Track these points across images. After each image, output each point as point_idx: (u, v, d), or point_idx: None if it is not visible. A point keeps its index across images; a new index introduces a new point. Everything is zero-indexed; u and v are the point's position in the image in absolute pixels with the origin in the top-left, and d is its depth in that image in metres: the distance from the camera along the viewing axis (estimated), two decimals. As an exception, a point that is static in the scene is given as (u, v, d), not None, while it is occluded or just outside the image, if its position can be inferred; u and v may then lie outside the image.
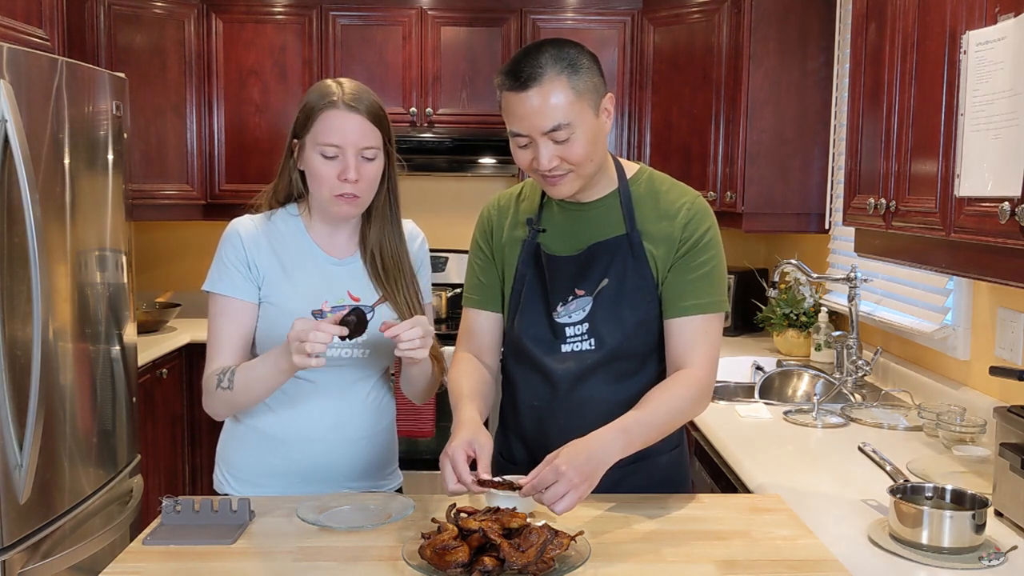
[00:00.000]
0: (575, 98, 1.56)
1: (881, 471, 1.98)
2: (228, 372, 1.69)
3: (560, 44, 1.59)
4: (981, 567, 1.49)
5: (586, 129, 1.59)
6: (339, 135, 1.68)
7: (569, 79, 1.55)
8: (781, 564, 1.44)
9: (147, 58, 3.80)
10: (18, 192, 2.17)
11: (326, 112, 1.68)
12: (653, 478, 1.79)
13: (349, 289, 1.79)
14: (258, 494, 1.75)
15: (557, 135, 1.57)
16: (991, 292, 2.34)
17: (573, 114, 1.56)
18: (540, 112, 1.55)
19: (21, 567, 2.24)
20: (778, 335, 3.50)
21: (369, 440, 1.83)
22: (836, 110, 3.42)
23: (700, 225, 1.71)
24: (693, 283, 1.69)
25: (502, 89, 1.60)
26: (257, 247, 1.76)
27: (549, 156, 1.58)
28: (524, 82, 1.55)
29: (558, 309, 1.73)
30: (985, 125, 1.63)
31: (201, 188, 3.97)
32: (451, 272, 4.25)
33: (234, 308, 1.75)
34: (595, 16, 4.00)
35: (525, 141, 1.60)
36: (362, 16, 3.97)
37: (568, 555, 1.38)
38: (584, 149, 1.59)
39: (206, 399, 1.76)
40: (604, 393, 1.72)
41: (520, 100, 1.56)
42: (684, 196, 1.75)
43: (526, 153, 1.62)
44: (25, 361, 2.23)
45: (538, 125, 1.57)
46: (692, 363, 1.68)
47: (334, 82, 1.73)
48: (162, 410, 3.55)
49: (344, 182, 1.68)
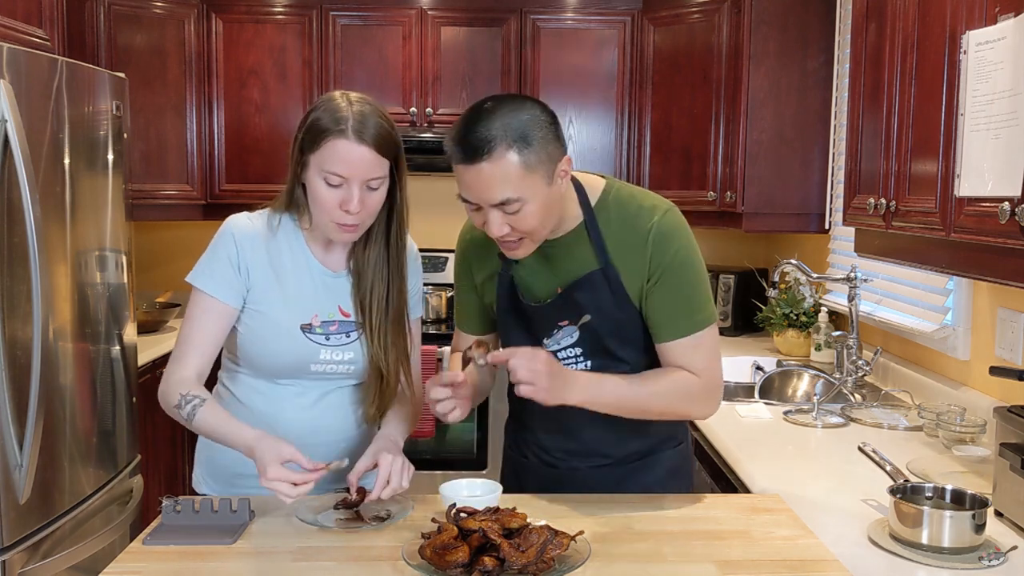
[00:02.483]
0: (525, 173, 1.49)
1: (881, 471, 1.98)
2: (191, 403, 1.65)
3: (516, 108, 1.52)
4: (981, 567, 1.49)
5: (537, 201, 1.53)
6: (345, 167, 1.60)
7: (520, 153, 1.48)
8: (781, 564, 1.44)
9: (147, 58, 3.80)
10: (18, 192, 2.17)
11: (334, 141, 1.59)
12: (657, 475, 1.80)
13: (340, 304, 1.75)
14: (234, 495, 1.73)
15: (506, 207, 1.52)
16: (991, 292, 2.34)
17: (523, 189, 1.50)
18: (488, 186, 1.50)
19: (21, 567, 2.24)
20: (778, 335, 3.50)
21: (350, 443, 1.81)
22: (836, 110, 3.42)
23: (667, 248, 1.64)
24: (675, 306, 1.65)
25: (451, 158, 1.54)
26: (253, 249, 1.71)
27: (499, 224, 1.54)
28: (472, 155, 1.49)
29: (545, 342, 1.72)
30: (985, 125, 1.63)
31: (201, 188, 3.98)
32: (451, 272, 4.23)
33: (213, 309, 1.70)
34: (595, 16, 4.00)
35: (475, 207, 1.56)
36: (362, 16, 3.97)
37: (568, 555, 1.38)
38: (535, 220, 1.55)
39: (161, 400, 1.72)
40: None
41: (468, 172, 1.51)
42: (651, 218, 1.65)
43: (477, 216, 1.58)
44: (25, 361, 2.23)
45: (486, 198, 1.52)
46: (691, 371, 1.67)
47: (344, 99, 1.64)
48: (162, 410, 3.54)
49: (346, 212, 1.62)
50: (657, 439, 1.80)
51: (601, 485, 1.76)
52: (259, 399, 1.77)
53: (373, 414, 1.79)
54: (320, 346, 1.73)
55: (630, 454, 1.78)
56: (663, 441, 1.81)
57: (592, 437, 1.76)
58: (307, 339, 1.72)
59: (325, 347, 1.73)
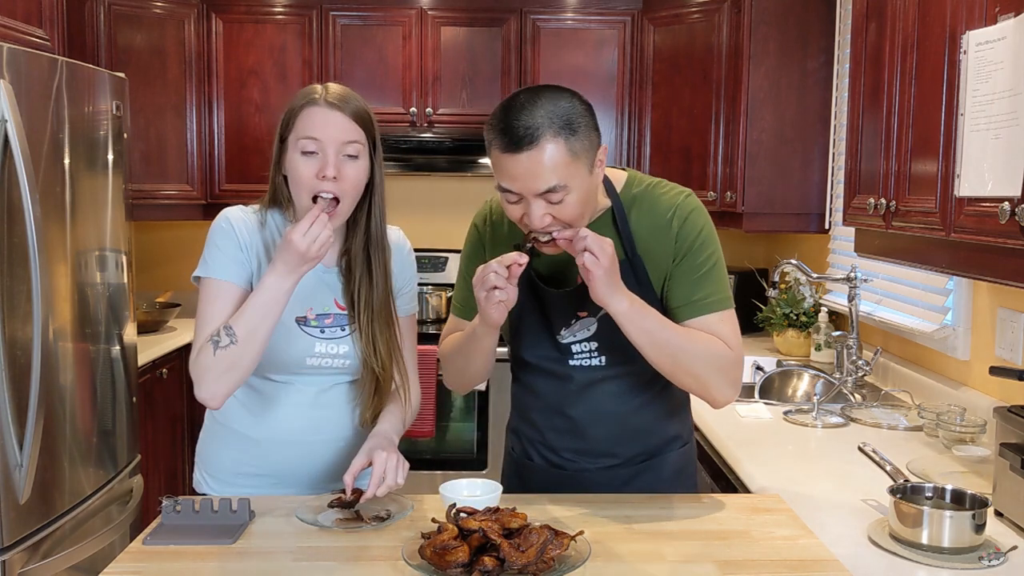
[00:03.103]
0: (570, 160, 1.49)
1: (881, 471, 1.98)
2: (222, 328, 1.60)
3: (556, 97, 1.51)
4: (981, 567, 1.49)
5: (580, 190, 1.52)
6: (319, 130, 1.62)
7: (567, 142, 1.48)
8: (781, 564, 1.44)
9: (147, 58, 3.80)
10: (18, 192, 2.17)
11: (307, 108, 1.64)
12: (663, 475, 1.79)
13: (336, 297, 1.76)
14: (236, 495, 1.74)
15: (551, 196, 1.50)
16: (991, 292, 2.34)
17: (568, 176, 1.49)
18: (534, 175, 1.48)
19: (21, 567, 2.24)
20: (778, 335, 3.50)
21: (347, 441, 1.80)
22: (836, 110, 3.42)
23: (694, 226, 1.65)
24: (703, 282, 1.64)
25: (493, 147, 1.51)
26: (250, 234, 1.71)
27: (541, 215, 1.52)
28: (518, 144, 1.47)
29: (562, 332, 1.68)
30: (985, 125, 1.63)
31: (201, 188, 3.98)
32: (451, 272, 4.24)
33: (227, 292, 1.67)
34: (595, 16, 4.00)
35: (515, 198, 1.53)
36: (362, 16, 3.97)
37: (568, 555, 1.38)
38: (577, 209, 1.53)
39: (203, 380, 1.62)
40: (616, 397, 1.73)
41: (513, 161, 1.48)
42: (673, 201, 1.67)
43: (516, 209, 1.55)
44: (25, 361, 2.23)
45: (531, 187, 1.49)
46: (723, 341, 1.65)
47: (319, 85, 1.69)
48: (162, 410, 3.55)
49: (323, 179, 1.61)
50: (664, 439, 1.80)
51: (608, 486, 1.76)
52: (258, 399, 1.77)
53: (369, 417, 1.78)
54: (315, 339, 1.73)
55: (637, 454, 1.78)
56: (670, 441, 1.81)
57: (601, 436, 1.76)
58: (302, 332, 1.72)
59: (320, 340, 1.73)
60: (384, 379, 1.76)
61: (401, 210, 3.86)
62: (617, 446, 1.77)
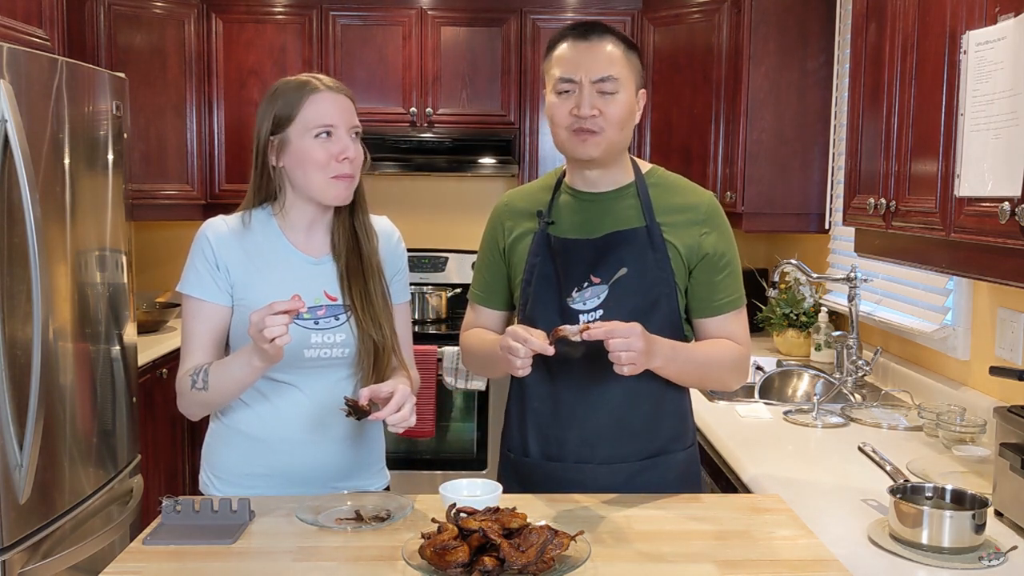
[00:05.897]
0: (628, 62, 1.71)
1: (881, 471, 1.98)
2: (201, 371, 1.69)
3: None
4: (981, 567, 1.49)
5: (628, 95, 1.70)
6: (331, 116, 1.70)
7: (626, 52, 1.72)
8: (781, 564, 1.44)
9: (147, 58, 3.80)
10: (18, 192, 2.17)
11: (313, 96, 1.71)
12: (668, 475, 1.80)
13: (325, 288, 1.78)
14: (242, 495, 1.74)
15: (605, 86, 1.67)
16: (991, 292, 2.34)
17: (623, 74, 1.69)
18: (596, 59, 1.68)
19: (21, 567, 2.24)
20: (778, 335, 3.50)
21: (353, 440, 1.82)
22: (836, 110, 3.42)
23: (725, 226, 1.79)
24: (722, 282, 1.77)
25: (560, 40, 1.72)
26: (228, 249, 1.76)
27: (590, 104, 1.66)
28: (587, 34, 1.70)
29: (573, 295, 1.74)
30: (985, 125, 1.63)
31: (201, 188, 3.98)
32: (451, 272, 4.23)
33: (204, 310, 1.75)
34: (595, 16, 4.00)
35: (570, 87, 1.68)
36: (362, 16, 3.97)
37: (568, 555, 1.38)
38: (622, 111, 1.69)
39: (180, 400, 1.76)
40: (617, 379, 1.71)
41: (579, 48, 1.69)
42: (703, 194, 1.81)
43: (566, 103, 1.69)
44: (25, 361, 2.23)
45: (592, 70, 1.67)
46: (735, 341, 1.78)
47: (305, 75, 1.77)
48: (162, 410, 3.55)
49: (343, 161, 1.70)
50: (665, 439, 1.80)
51: (608, 486, 1.76)
52: (262, 400, 1.77)
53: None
54: (310, 331, 1.74)
55: (638, 450, 1.77)
56: (672, 441, 1.81)
57: (602, 435, 1.76)
58: (296, 325, 1.73)
59: (315, 331, 1.75)
60: (385, 349, 1.78)
61: (401, 210, 3.86)
62: (619, 445, 1.77)
